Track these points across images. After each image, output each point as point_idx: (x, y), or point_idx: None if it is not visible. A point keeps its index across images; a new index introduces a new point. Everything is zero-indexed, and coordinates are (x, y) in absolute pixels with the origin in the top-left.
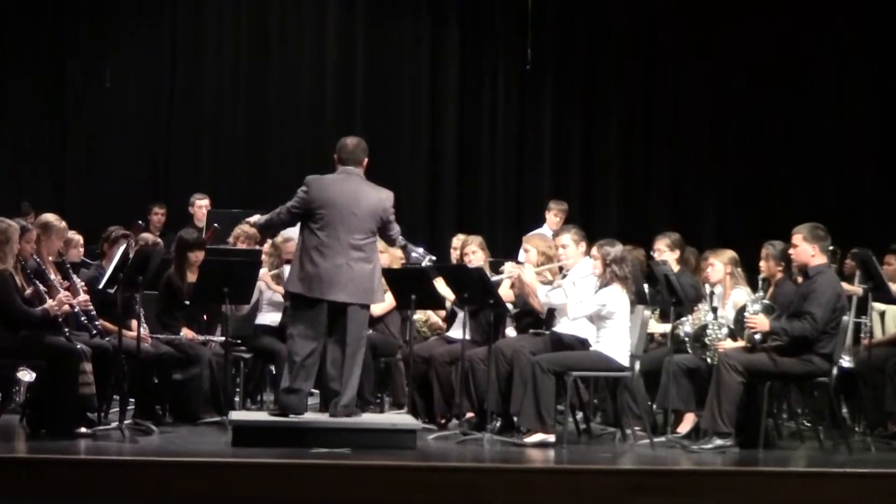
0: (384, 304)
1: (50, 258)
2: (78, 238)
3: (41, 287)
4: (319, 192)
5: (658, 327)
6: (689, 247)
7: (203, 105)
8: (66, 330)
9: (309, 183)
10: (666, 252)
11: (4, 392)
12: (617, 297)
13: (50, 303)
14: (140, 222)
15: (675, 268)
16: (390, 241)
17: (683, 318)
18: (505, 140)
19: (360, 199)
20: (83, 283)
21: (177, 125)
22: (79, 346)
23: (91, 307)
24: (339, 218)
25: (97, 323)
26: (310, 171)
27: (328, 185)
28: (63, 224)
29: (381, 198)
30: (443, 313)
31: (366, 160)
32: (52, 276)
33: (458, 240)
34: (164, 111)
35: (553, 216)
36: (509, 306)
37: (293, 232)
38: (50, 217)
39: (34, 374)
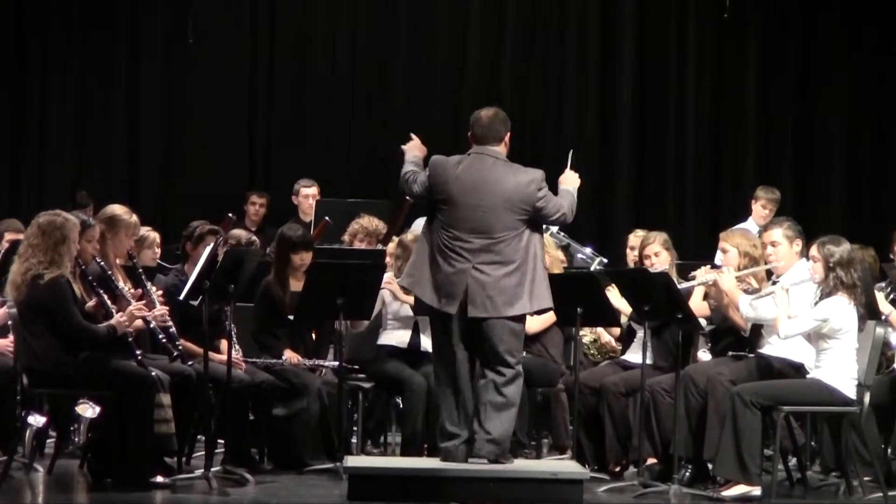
0: (541, 318)
1: (118, 261)
2: (153, 236)
3: (106, 298)
4: (440, 177)
5: None
6: None
7: (312, 69)
8: (139, 352)
9: (430, 165)
10: None
11: (61, 431)
12: (842, 311)
13: (118, 317)
14: (231, 216)
15: None
16: (551, 222)
17: None
18: (696, 110)
19: (488, 188)
20: (160, 293)
21: (279, 94)
22: (154, 373)
23: (170, 323)
24: (460, 211)
25: (177, 343)
26: (445, 151)
27: (449, 170)
28: (134, 218)
29: (521, 182)
30: (617, 331)
31: (507, 135)
32: (121, 284)
33: (636, 237)
34: (263, 76)
35: (761, 207)
36: (702, 322)
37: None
38: (117, 209)
39: (98, 409)
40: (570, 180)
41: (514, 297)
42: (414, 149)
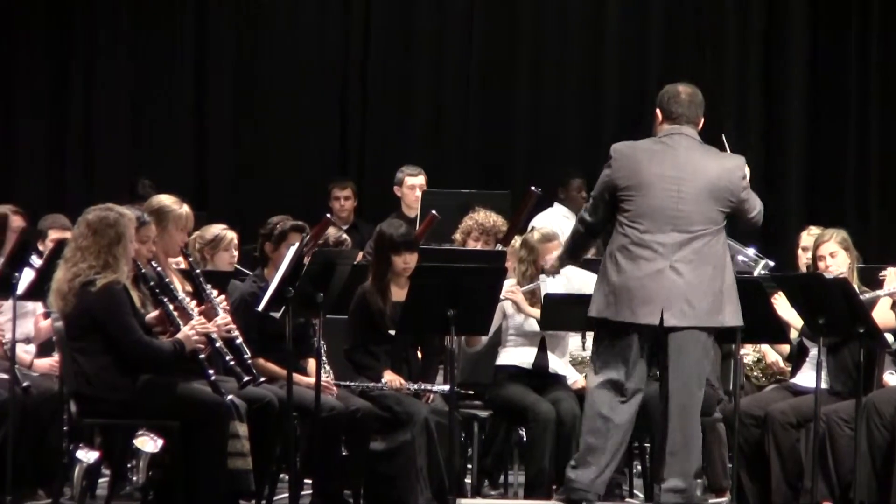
0: None
1: (176, 264)
2: (230, 236)
3: (172, 307)
4: (630, 166)
5: None
6: None
7: (416, 33)
8: (211, 373)
9: (615, 153)
10: None
11: (116, 468)
12: None
13: (185, 331)
14: (329, 216)
15: None
16: (748, 221)
17: None
18: (882, 85)
19: (688, 173)
20: (221, 298)
21: (377, 60)
22: (229, 399)
23: (236, 334)
24: (655, 198)
25: (246, 359)
26: (578, 131)
27: (642, 156)
28: (185, 209)
29: (726, 168)
30: (786, 349)
31: (702, 119)
32: (180, 293)
33: (808, 236)
34: (357, 37)
35: None
36: (889, 338)
37: (558, 225)
38: (164, 199)
39: (160, 442)
40: None
41: (718, 306)
42: None
